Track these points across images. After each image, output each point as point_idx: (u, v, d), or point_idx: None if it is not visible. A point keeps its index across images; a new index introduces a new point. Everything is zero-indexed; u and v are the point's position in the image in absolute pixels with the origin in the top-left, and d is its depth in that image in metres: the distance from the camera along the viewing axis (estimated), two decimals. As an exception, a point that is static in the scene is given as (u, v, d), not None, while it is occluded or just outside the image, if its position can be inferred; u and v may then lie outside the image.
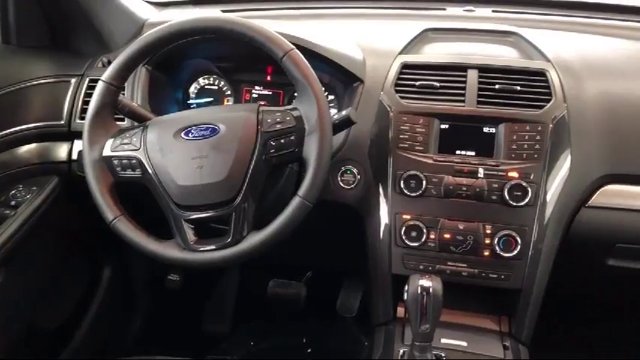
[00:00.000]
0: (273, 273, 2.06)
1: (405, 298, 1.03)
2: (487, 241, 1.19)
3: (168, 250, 1.07)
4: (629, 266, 1.28)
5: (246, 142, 1.05)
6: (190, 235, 1.06)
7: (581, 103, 1.23)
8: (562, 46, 1.38)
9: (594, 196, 1.21)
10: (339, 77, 1.35)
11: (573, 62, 1.30)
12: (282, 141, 1.05)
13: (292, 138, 1.05)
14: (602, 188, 1.21)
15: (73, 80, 1.43)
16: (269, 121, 1.06)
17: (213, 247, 1.05)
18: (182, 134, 1.08)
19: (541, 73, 1.25)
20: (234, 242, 1.04)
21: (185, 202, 1.05)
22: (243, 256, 1.04)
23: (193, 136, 1.07)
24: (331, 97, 1.41)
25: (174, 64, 1.43)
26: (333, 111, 1.40)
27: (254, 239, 1.03)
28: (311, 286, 2.02)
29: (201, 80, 1.49)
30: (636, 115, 1.24)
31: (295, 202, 1.03)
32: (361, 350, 1.76)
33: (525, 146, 1.19)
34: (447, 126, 1.24)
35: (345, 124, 1.14)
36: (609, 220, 1.22)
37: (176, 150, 1.06)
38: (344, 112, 1.12)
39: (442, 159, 1.23)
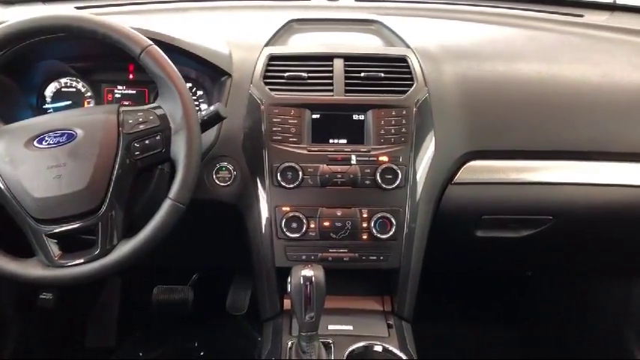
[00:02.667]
0: (158, 279, 1.98)
1: (289, 290, 1.03)
2: (364, 224, 1.22)
3: (29, 269, 0.99)
4: (494, 235, 1.38)
5: (106, 145, 0.99)
6: (54, 250, 1.00)
7: (441, 85, 1.29)
8: (421, 32, 1.44)
9: (459, 173, 1.28)
10: (206, 72, 1.31)
11: (432, 47, 1.36)
12: (147, 142, 1.01)
13: (157, 138, 1.01)
14: (466, 165, 1.29)
15: None
16: (131, 121, 1.01)
17: (80, 260, 0.99)
18: (35, 142, 1.00)
19: (402, 60, 1.30)
20: (103, 253, 0.99)
21: (44, 215, 0.98)
22: (114, 267, 0.99)
23: (48, 144, 1.00)
24: (200, 93, 1.37)
25: (24, 66, 1.31)
26: (204, 106, 1.37)
27: (124, 248, 0.99)
28: (199, 288, 1.97)
29: (56, 83, 1.38)
30: (491, 95, 1.32)
31: (166, 205, 0.99)
32: (254, 346, 1.75)
33: (393, 131, 1.23)
34: (318, 116, 1.25)
35: (215, 119, 1.12)
36: (474, 194, 1.30)
37: (29, 160, 0.99)
38: (212, 108, 1.10)
39: (316, 149, 1.24)
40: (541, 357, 1.98)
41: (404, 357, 1.13)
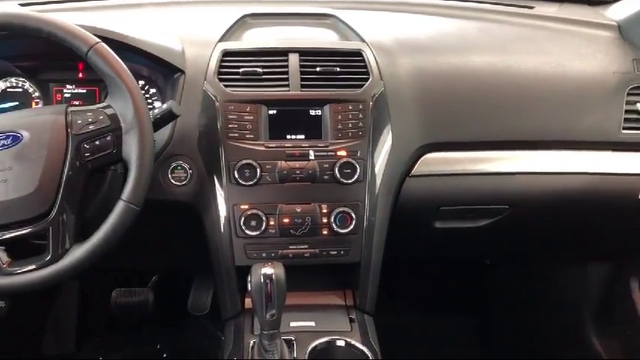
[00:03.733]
0: (117, 282, 1.94)
1: (250, 288, 1.02)
2: (324, 220, 1.22)
3: None
4: (452, 226, 1.40)
5: (55, 147, 0.96)
6: (2, 257, 0.96)
7: (397, 79, 1.29)
8: (376, 26, 1.43)
9: (416, 166, 1.30)
10: (158, 69, 1.28)
11: (387, 41, 1.36)
12: (97, 143, 0.98)
13: (108, 138, 0.99)
14: (423, 157, 1.30)
15: None
16: (80, 122, 0.99)
17: (32, 267, 0.96)
18: None
19: (357, 54, 1.29)
20: (55, 259, 0.96)
21: None
22: (67, 272, 0.96)
23: None
24: (152, 91, 1.33)
25: (-38, 67, 1.26)
26: (157, 104, 1.34)
27: (77, 253, 0.96)
28: (159, 290, 1.94)
29: (1, 83, 1.33)
30: (446, 87, 1.33)
31: (119, 207, 0.97)
32: (218, 346, 1.73)
33: (350, 125, 1.23)
34: (274, 111, 1.24)
35: (168, 118, 1.09)
36: (432, 186, 1.32)
37: None
38: (164, 106, 1.08)
39: (274, 145, 1.22)
40: (501, 344, 2.02)
41: (366, 351, 1.14)
